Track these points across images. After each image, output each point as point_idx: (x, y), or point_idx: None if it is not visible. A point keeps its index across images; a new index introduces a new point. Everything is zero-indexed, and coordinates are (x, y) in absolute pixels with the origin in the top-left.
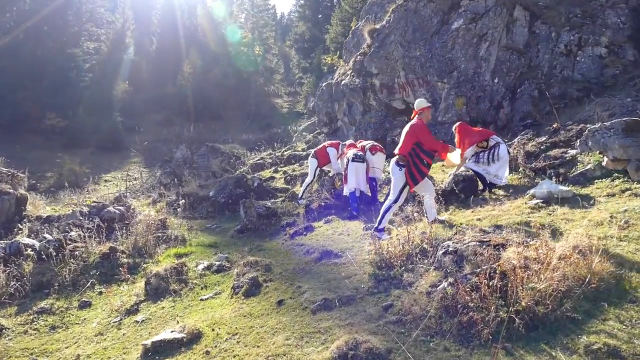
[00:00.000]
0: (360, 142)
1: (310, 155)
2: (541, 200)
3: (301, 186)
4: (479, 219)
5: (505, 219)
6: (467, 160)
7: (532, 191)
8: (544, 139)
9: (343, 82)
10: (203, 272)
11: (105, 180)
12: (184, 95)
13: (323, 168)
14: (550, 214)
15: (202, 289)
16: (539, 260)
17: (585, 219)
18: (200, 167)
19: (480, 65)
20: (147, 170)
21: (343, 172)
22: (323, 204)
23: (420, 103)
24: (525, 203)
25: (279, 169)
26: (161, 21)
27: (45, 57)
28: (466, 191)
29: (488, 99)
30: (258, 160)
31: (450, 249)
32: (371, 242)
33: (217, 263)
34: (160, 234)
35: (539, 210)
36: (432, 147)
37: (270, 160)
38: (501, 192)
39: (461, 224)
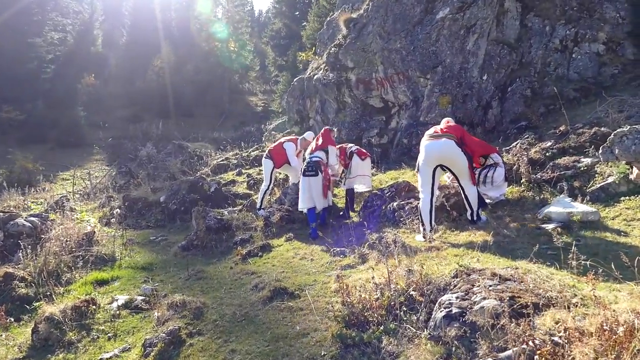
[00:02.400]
0: (347, 144)
1: (264, 155)
2: (560, 224)
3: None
4: (479, 248)
5: (518, 250)
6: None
7: (545, 211)
8: (550, 144)
9: (316, 77)
10: (118, 311)
11: (63, 179)
12: (154, 91)
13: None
14: (577, 244)
15: (109, 339)
16: (603, 336)
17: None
18: (159, 168)
19: (468, 60)
20: (108, 168)
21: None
22: (285, 216)
23: None
24: (538, 227)
25: (243, 171)
26: (132, 13)
27: (3, 46)
28: (458, 208)
29: (476, 97)
30: (222, 160)
31: (454, 310)
32: (338, 276)
33: (140, 298)
34: (83, 252)
35: (560, 238)
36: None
37: (235, 161)
38: (497, 206)
39: (457, 255)
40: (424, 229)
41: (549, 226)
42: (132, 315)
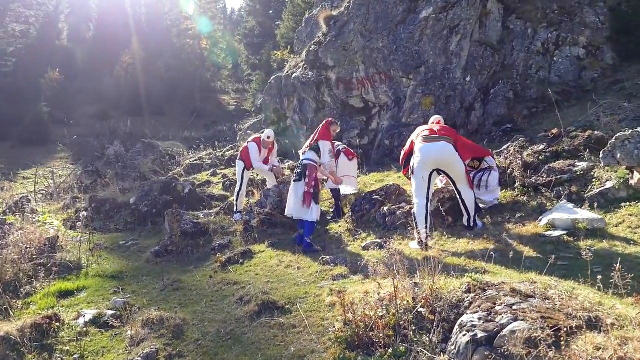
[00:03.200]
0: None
1: (238, 157)
2: (565, 232)
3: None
4: (482, 258)
5: (523, 260)
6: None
7: (549, 218)
8: (542, 147)
9: (294, 75)
10: (85, 328)
11: (24, 178)
12: (123, 88)
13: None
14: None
15: None
16: None
17: None
18: (128, 167)
19: (451, 61)
20: (73, 167)
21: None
22: (267, 220)
23: None
24: (542, 235)
25: (218, 171)
26: (100, 7)
27: None
28: (454, 213)
29: (459, 99)
30: (195, 160)
31: (480, 334)
32: (333, 288)
33: (110, 313)
34: (45, 260)
35: (568, 247)
36: None
37: (210, 161)
38: (493, 212)
39: (458, 265)
40: (420, 236)
41: (554, 234)
42: (102, 333)
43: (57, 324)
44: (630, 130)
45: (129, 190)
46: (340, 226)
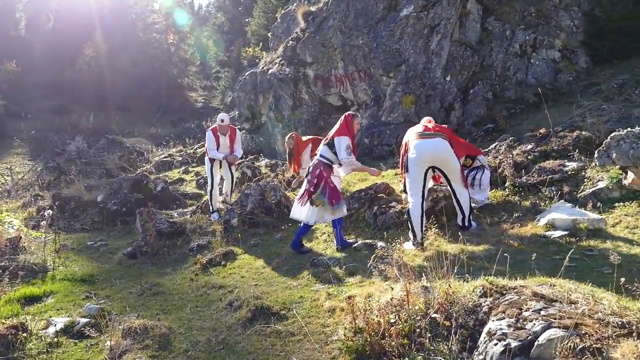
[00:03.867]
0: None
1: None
2: (566, 232)
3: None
4: (486, 259)
5: (528, 261)
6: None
7: (548, 218)
8: (530, 147)
9: (270, 72)
10: (56, 338)
11: None
12: (85, 82)
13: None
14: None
15: None
16: None
17: None
18: (93, 163)
19: (431, 60)
20: (32, 163)
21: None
22: (248, 219)
23: None
24: (543, 235)
25: (190, 169)
26: None
27: None
28: (448, 213)
29: (439, 98)
30: (165, 157)
31: (513, 343)
32: (330, 292)
33: (83, 320)
34: (6, 262)
35: (571, 248)
36: None
37: (180, 158)
38: (485, 212)
39: (465, 267)
40: (415, 236)
41: (555, 234)
42: (75, 344)
43: (24, 334)
44: (625, 130)
45: (95, 188)
46: (327, 226)
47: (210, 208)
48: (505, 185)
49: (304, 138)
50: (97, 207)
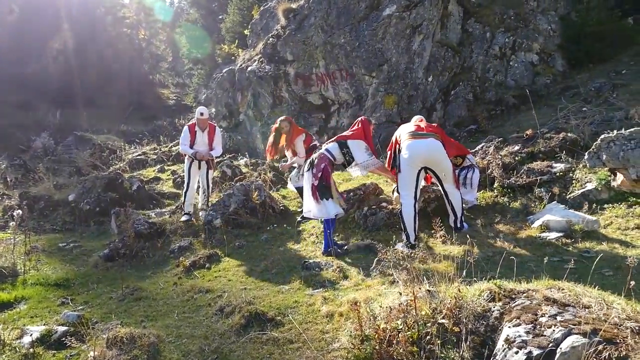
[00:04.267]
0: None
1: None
2: (561, 234)
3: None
4: (484, 261)
5: (527, 263)
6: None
7: (542, 220)
8: (517, 148)
9: (250, 69)
10: (32, 349)
11: None
12: (52, 76)
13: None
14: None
15: None
16: None
17: None
18: (62, 161)
19: (413, 61)
20: None
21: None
22: (232, 220)
23: None
24: (538, 236)
25: (166, 167)
26: None
27: None
28: (440, 214)
29: (421, 99)
30: (139, 155)
31: (535, 351)
32: (326, 296)
33: (61, 329)
34: None
35: (568, 250)
36: None
37: (155, 157)
38: (475, 213)
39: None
40: (408, 238)
41: (551, 236)
42: (54, 355)
43: None
44: (615, 133)
45: (65, 186)
46: (314, 227)
47: (182, 209)
48: (494, 186)
49: None
50: (68, 207)
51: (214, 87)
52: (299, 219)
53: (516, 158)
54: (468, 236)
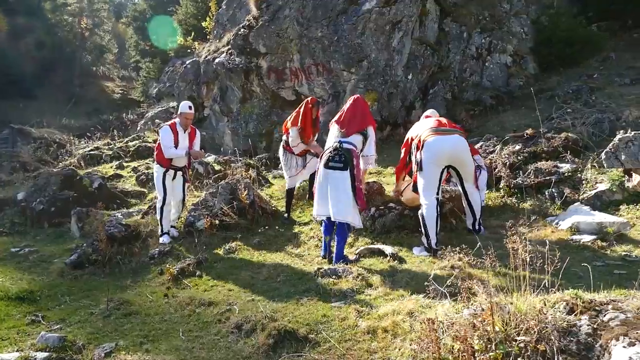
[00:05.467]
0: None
1: (153, 159)
2: (594, 236)
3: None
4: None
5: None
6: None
7: (571, 221)
8: (519, 147)
9: (217, 61)
10: None
11: None
12: None
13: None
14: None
15: None
16: None
17: None
18: (2, 156)
19: (393, 58)
20: None
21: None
22: (219, 223)
23: None
24: (571, 239)
25: (125, 164)
26: None
27: None
28: (455, 216)
29: (400, 97)
30: (92, 150)
31: None
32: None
33: (41, 356)
34: None
35: (606, 254)
36: None
37: (110, 153)
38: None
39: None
40: (429, 241)
41: (585, 238)
42: None
43: None
44: (634, 132)
45: (9, 183)
46: (312, 229)
47: (160, 229)
48: (500, 186)
49: None
50: (17, 207)
51: (176, 80)
52: (284, 218)
53: (519, 158)
54: (489, 239)
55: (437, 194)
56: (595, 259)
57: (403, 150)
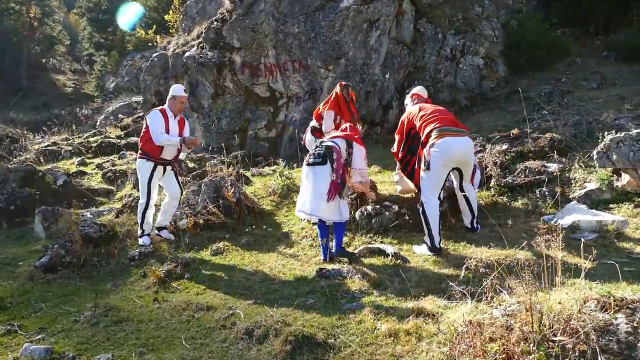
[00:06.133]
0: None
1: (138, 154)
2: (595, 235)
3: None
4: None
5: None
6: None
7: (568, 220)
8: (506, 147)
9: (188, 54)
10: None
11: None
12: None
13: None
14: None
15: None
16: None
17: None
18: None
19: (370, 56)
20: None
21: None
22: (204, 222)
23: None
24: (573, 237)
25: (88, 160)
26: None
27: None
28: (453, 214)
29: (378, 96)
30: (49, 146)
31: None
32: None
33: None
34: None
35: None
36: None
37: (70, 148)
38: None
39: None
40: (432, 240)
41: (588, 237)
42: None
43: None
44: (623, 133)
45: None
46: (303, 229)
47: (139, 231)
48: (491, 185)
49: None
50: None
51: (135, 74)
52: None
53: (506, 157)
54: (490, 238)
55: (440, 194)
56: (601, 256)
57: (397, 137)
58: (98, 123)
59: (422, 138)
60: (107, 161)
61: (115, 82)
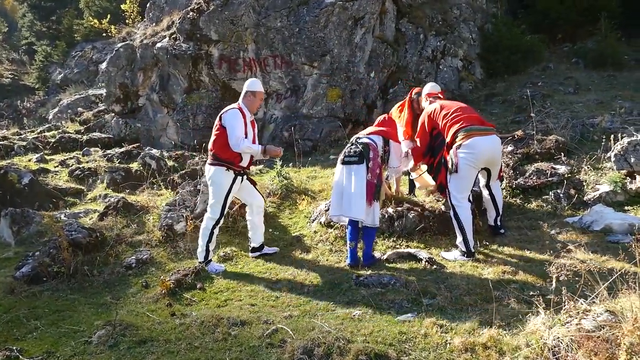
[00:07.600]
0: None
1: (210, 157)
2: (630, 237)
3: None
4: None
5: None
6: None
7: (600, 223)
8: (511, 149)
9: (159, 45)
10: None
11: None
12: None
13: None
14: None
15: None
16: None
17: None
18: None
19: (355, 54)
20: None
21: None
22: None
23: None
24: (609, 240)
25: (48, 157)
26: None
27: None
28: (479, 216)
29: (362, 95)
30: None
31: None
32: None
33: None
34: None
35: None
36: None
37: (24, 144)
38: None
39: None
40: (467, 245)
41: (624, 239)
42: None
43: None
44: (639, 135)
45: None
46: (316, 232)
47: (203, 252)
48: (503, 187)
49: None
50: None
51: (106, 64)
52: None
53: (513, 159)
54: (523, 241)
55: (470, 195)
56: None
57: (419, 140)
58: (51, 117)
59: (448, 140)
60: (71, 158)
61: (63, 73)
